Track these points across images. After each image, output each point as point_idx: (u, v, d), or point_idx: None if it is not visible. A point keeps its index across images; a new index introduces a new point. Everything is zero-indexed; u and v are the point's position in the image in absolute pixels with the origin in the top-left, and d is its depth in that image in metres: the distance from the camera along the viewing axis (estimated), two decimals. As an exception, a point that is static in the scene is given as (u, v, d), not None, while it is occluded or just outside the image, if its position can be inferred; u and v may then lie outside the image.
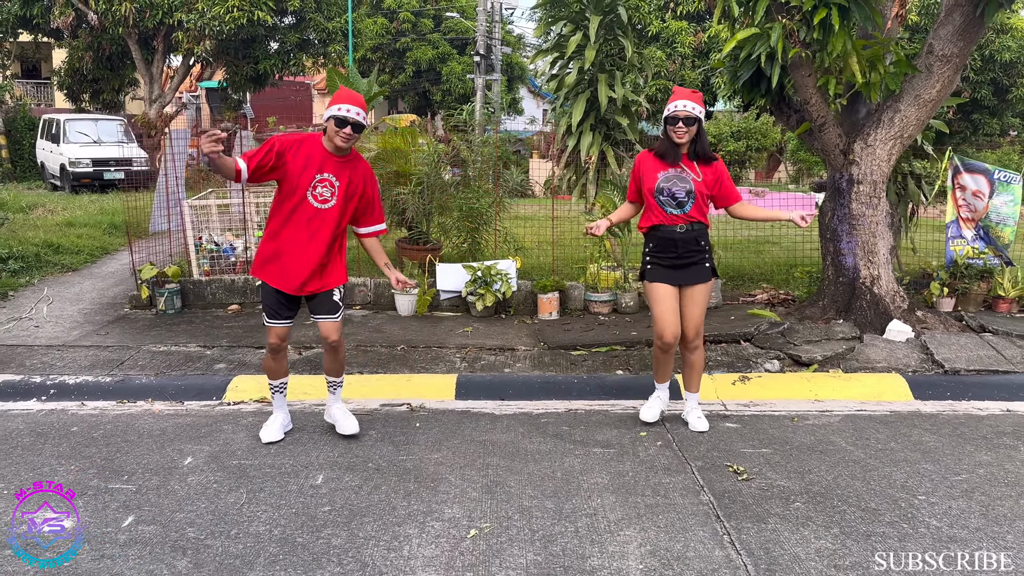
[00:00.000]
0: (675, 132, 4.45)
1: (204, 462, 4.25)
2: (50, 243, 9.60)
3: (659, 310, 4.58)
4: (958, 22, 6.10)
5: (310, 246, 4.28)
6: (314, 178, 4.23)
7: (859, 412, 5.17)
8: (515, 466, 4.21)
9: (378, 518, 3.60)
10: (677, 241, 4.53)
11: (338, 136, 4.19)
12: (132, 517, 3.61)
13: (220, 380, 5.55)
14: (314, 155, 4.25)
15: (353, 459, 4.28)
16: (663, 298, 4.56)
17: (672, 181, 4.49)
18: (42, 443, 4.52)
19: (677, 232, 4.52)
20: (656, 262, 4.61)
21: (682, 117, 4.41)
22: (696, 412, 4.84)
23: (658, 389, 4.92)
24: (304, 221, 4.26)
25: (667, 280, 4.58)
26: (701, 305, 4.61)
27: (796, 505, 3.76)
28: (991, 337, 6.38)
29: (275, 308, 4.37)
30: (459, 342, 6.42)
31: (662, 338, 4.59)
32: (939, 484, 4.01)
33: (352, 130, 4.19)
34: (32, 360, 5.94)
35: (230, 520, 3.58)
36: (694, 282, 4.58)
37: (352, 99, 4.20)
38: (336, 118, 4.17)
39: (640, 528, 3.51)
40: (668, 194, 4.49)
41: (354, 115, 4.17)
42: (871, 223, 6.59)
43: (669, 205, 4.50)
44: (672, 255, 4.55)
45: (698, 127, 4.48)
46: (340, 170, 4.28)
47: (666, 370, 4.82)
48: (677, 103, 4.43)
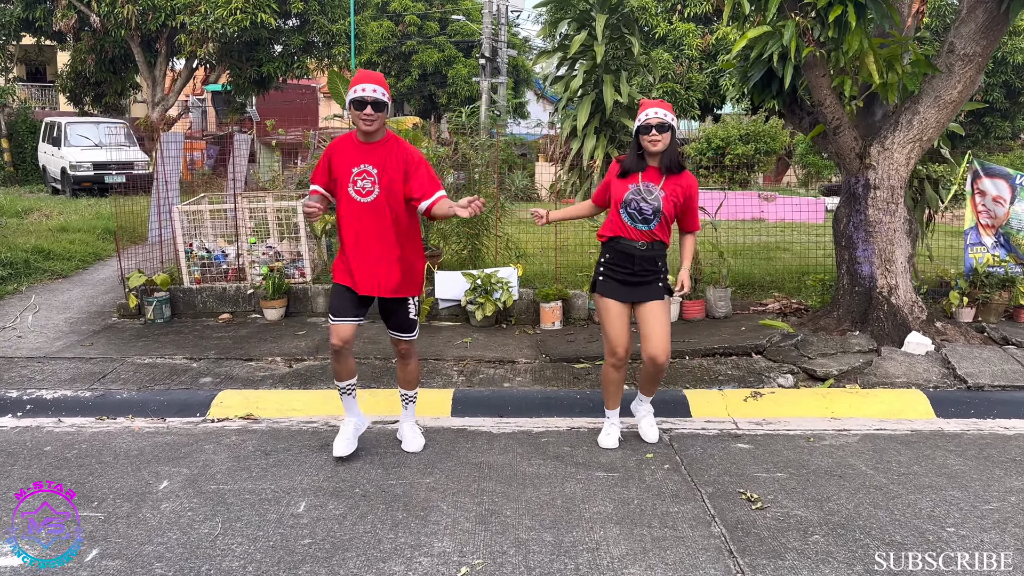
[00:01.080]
0: (650, 141, 4.22)
1: (180, 486, 3.98)
2: (41, 249, 9.36)
3: (610, 326, 4.37)
4: (981, 19, 5.80)
5: (370, 244, 4.06)
6: (351, 172, 4.02)
7: (879, 431, 4.87)
8: (512, 492, 3.93)
9: (362, 552, 3.32)
10: (635, 258, 4.31)
11: (361, 120, 3.97)
12: (97, 550, 3.34)
13: (205, 395, 5.28)
14: (348, 149, 4.08)
15: (339, 484, 4.01)
16: (613, 315, 4.36)
17: (641, 196, 4.27)
18: (12, 464, 4.27)
19: (637, 248, 4.30)
20: (609, 275, 4.38)
21: (655, 124, 4.19)
22: (649, 419, 4.70)
23: (609, 416, 4.63)
24: (354, 219, 4.06)
25: (618, 296, 4.36)
26: (663, 322, 4.35)
27: (815, 538, 3.47)
28: (1015, 350, 6.07)
29: (340, 305, 4.13)
30: (457, 354, 6.15)
31: (615, 353, 4.37)
32: (969, 514, 3.71)
33: (373, 109, 3.95)
34: (10, 373, 5.69)
35: (202, 554, 3.31)
36: (648, 299, 4.34)
37: (367, 77, 3.98)
38: (353, 102, 3.96)
39: (646, 565, 3.23)
40: (635, 208, 4.27)
41: (370, 93, 3.93)
42: (888, 230, 6.29)
43: (635, 219, 4.29)
44: (627, 271, 4.33)
45: (671, 135, 4.24)
46: (375, 157, 4.04)
47: (617, 394, 4.57)
48: (648, 111, 4.24)
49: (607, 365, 4.49)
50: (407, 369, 4.41)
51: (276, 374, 5.72)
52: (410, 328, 4.29)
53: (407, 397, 4.51)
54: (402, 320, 4.25)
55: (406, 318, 4.25)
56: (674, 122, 4.28)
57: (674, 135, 4.30)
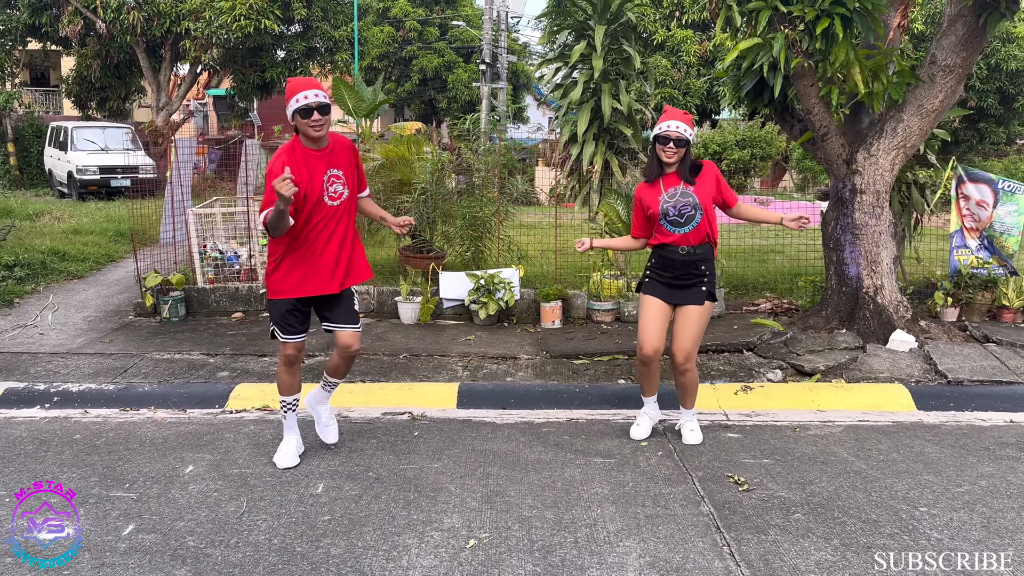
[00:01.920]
0: (664, 152, 4.46)
1: (205, 470, 4.26)
2: (56, 250, 9.64)
3: (644, 321, 4.58)
4: (961, 32, 6.10)
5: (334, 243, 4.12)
6: (323, 181, 4.03)
7: (861, 423, 5.15)
8: (515, 476, 4.20)
9: (377, 528, 3.60)
10: (676, 263, 4.52)
11: (310, 127, 3.93)
12: (133, 525, 3.62)
13: (223, 388, 5.56)
14: (310, 160, 4.00)
15: (353, 468, 4.28)
16: (651, 311, 4.57)
17: (675, 199, 4.49)
18: (45, 450, 4.54)
19: (678, 254, 4.51)
20: (654, 277, 4.62)
21: (673, 138, 4.42)
22: (689, 425, 4.79)
23: (646, 404, 4.86)
24: (325, 223, 4.07)
25: (661, 296, 4.58)
26: (694, 328, 4.53)
27: (796, 516, 3.75)
28: (995, 347, 6.36)
29: (289, 322, 4.18)
30: (461, 351, 6.43)
31: (642, 350, 4.58)
32: (941, 496, 3.99)
33: (319, 114, 3.92)
34: (36, 367, 5.97)
35: (230, 529, 3.59)
36: (688, 303, 4.54)
37: (305, 84, 3.93)
38: (300, 110, 3.90)
39: (640, 539, 3.51)
40: (675, 213, 4.48)
41: (314, 99, 3.89)
42: (874, 233, 6.58)
43: (676, 224, 4.49)
44: (670, 275, 4.55)
45: (686, 150, 4.48)
46: (336, 160, 4.11)
47: (651, 383, 4.77)
48: (669, 123, 4.44)
49: (637, 360, 4.71)
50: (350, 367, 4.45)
51: (289, 369, 5.99)
52: (356, 320, 4.31)
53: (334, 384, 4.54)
54: (349, 310, 4.27)
55: (351, 308, 4.29)
56: (692, 137, 4.48)
57: (689, 149, 4.51)
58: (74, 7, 20.27)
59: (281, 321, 4.19)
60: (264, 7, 19.39)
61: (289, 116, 4.00)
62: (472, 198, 8.29)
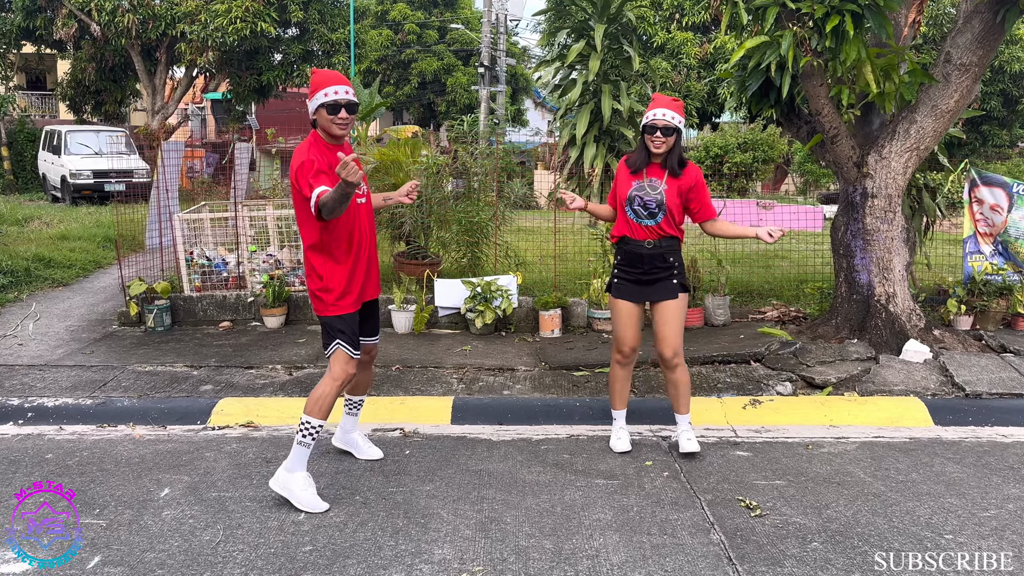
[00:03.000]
0: (652, 142, 4.25)
1: (182, 494, 4.00)
2: (41, 257, 9.38)
3: (618, 325, 4.47)
4: (977, 29, 5.85)
5: (364, 245, 3.90)
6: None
7: (877, 439, 4.89)
8: (512, 500, 3.94)
9: (362, 560, 3.34)
10: (644, 256, 4.35)
11: (335, 124, 3.71)
12: (99, 557, 3.35)
13: (205, 403, 5.30)
14: (331, 157, 3.71)
15: (339, 491, 4.02)
16: (624, 314, 4.45)
17: (644, 191, 4.31)
18: (13, 471, 4.28)
19: (644, 248, 4.34)
20: (623, 276, 4.45)
21: (660, 127, 4.22)
22: (687, 433, 4.57)
23: (616, 418, 4.67)
24: (360, 222, 3.87)
25: (631, 297, 4.42)
26: (674, 323, 4.37)
27: (814, 545, 3.49)
28: (1012, 358, 6.10)
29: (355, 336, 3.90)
30: (457, 361, 6.17)
31: (620, 349, 4.44)
32: (966, 521, 3.73)
33: (347, 112, 3.70)
34: (12, 381, 5.71)
35: (204, 561, 3.32)
36: (661, 298, 4.37)
37: (336, 79, 3.71)
38: (327, 105, 3.68)
39: (646, 572, 3.24)
40: (640, 203, 4.33)
41: (343, 95, 3.67)
42: (886, 238, 6.32)
43: (640, 215, 4.33)
44: (638, 270, 4.38)
45: (676, 138, 4.26)
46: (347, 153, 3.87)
47: (623, 391, 4.61)
48: (656, 111, 4.24)
49: (613, 361, 4.55)
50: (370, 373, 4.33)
51: (276, 382, 5.73)
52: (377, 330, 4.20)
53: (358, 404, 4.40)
54: (377, 319, 4.13)
55: (377, 318, 4.15)
56: (681, 124, 4.29)
57: (679, 137, 4.31)
58: (68, 10, 20.06)
59: (352, 336, 3.86)
60: (260, 10, 19.19)
61: (311, 109, 3.73)
62: (469, 202, 8.04)
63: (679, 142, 4.33)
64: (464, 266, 7.86)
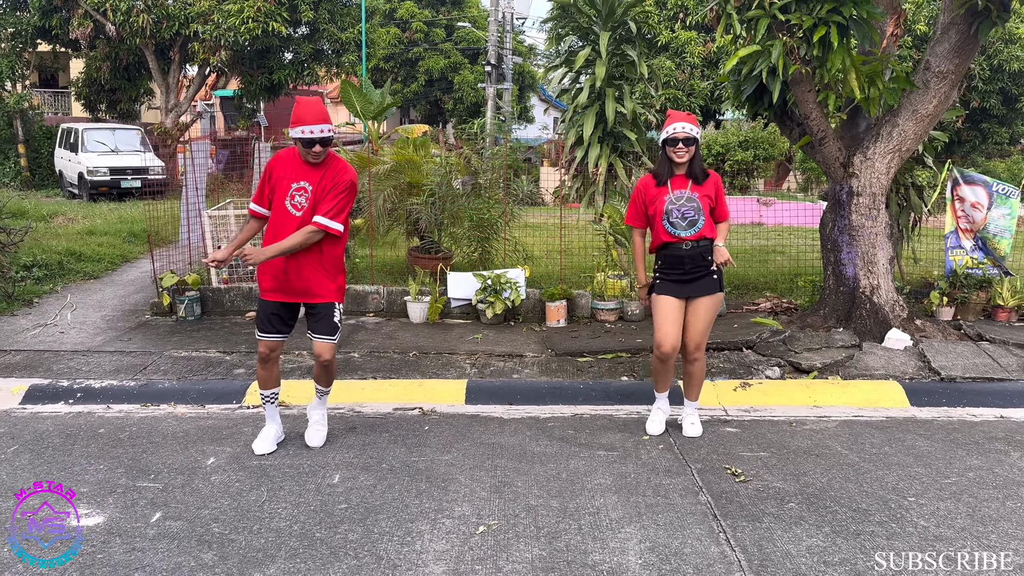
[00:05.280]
0: (675, 153, 4.67)
1: (226, 462, 4.46)
2: (72, 251, 9.86)
3: (660, 320, 4.76)
4: (954, 40, 6.28)
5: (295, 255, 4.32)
6: (290, 187, 4.31)
7: (856, 418, 5.34)
8: (522, 467, 4.40)
9: (392, 515, 3.80)
10: (684, 258, 4.72)
11: (309, 155, 4.27)
12: (160, 513, 3.82)
13: (239, 384, 5.77)
14: (291, 165, 4.35)
15: (367, 460, 4.49)
16: (666, 309, 4.74)
17: (681, 202, 4.69)
18: (71, 444, 4.75)
19: (683, 250, 4.71)
20: (664, 278, 4.80)
21: (682, 138, 4.63)
22: (691, 418, 4.99)
23: (658, 399, 5.07)
24: (285, 231, 4.29)
25: (673, 293, 4.76)
26: (705, 319, 4.75)
27: (790, 506, 3.94)
28: (988, 345, 6.53)
29: (265, 321, 4.50)
30: (469, 348, 6.62)
31: (660, 348, 4.76)
32: (929, 486, 4.18)
33: (320, 146, 4.23)
34: (59, 365, 6.18)
35: (252, 516, 3.79)
36: (700, 294, 4.73)
37: (314, 116, 4.18)
38: (302, 141, 4.22)
39: (640, 526, 3.70)
40: (679, 215, 4.68)
41: (319, 133, 4.19)
42: (871, 234, 6.76)
43: (679, 227, 4.69)
44: (680, 271, 4.74)
45: (695, 147, 4.68)
46: (313, 175, 4.32)
47: (665, 380, 4.97)
48: (676, 125, 4.65)
49: (653, 357, 4.89)
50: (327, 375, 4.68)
51: (303, 366, 6.20)
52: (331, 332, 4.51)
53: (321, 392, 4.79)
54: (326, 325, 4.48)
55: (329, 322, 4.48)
56: (699, 135, 4.71)
57: (698, 147, 4.73)
58: (84, 10, 20.53)
59: (258, 319, 4.57)
60: (272, 10, 19.63)
61: (290, 135, 4.28)
62: (479, 200, 8.48)
63: (698, 152, 4.75)
64: (475, 260, 8.31)
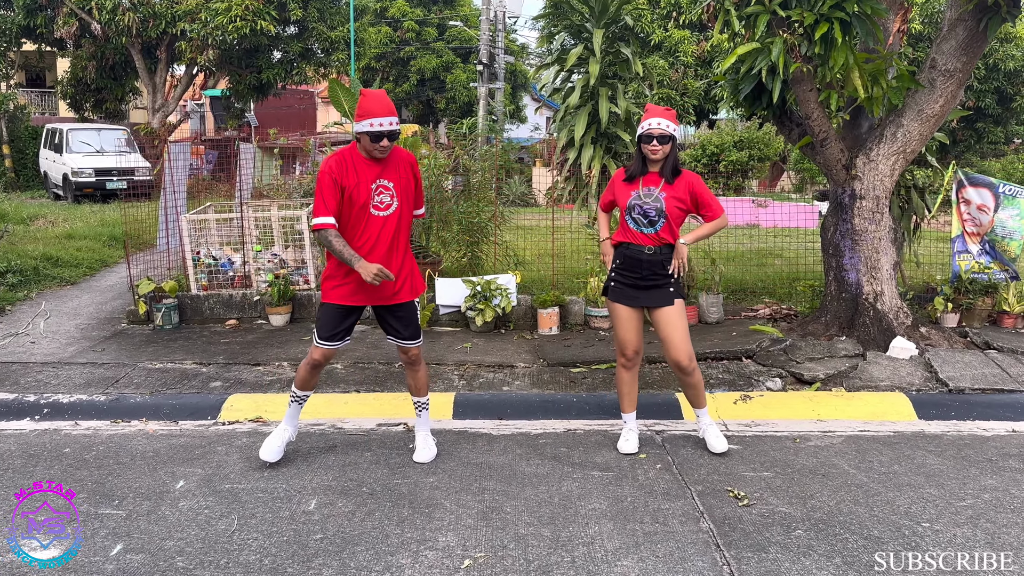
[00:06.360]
0: (650, 150, 4.42)
1: (196, 486, 4.19)
2: (49, 256, 9.56)
3: (619, 328, 4.60)
4: (961, 36, 6.04)
5: (390, 256, 4.23)
6: (371, 188, 4.15)
7: (862, 433, 5.09)
8: (512, 490, 4.14)
9: (370, 547, 3.53)
10: (643, 262, 4.50)
11: (376, 150, 4.12)
12: (121, 545, 3.55)
13: (215, 399, 5.49)
14: (356, 166, 4.15)
15: (347, 483, 4.22)
16: (623, 319, 4.59)
17: (643, 199, 4.47)
18: (33, 465, 4.47)
19: (644, 253, 4.49)
20: (620, 280, 4.59)
21: (656, 135, 4.39)
22: (712, 430, 4.73)
23: (626, 420, 4.80)
24: (376, 233, 4.19)
25: (628, 302, 4.56)
26: (680, 326, 4.52)
27: (797, 533, 3.68)
28: (996, 354, 6.29)
29: (338, 328, 4.32)
30: (458, 358, 6.36)
31: (623, 354, 4.59)
32: (944, 510, 3.93)
33: (388, 140, 4.12)
34: (27, 378, 5.89)
35: (220, 548, 3.52)
36: (657, 304, 4.52)
37: (382, 109, 4.07)
38: (370, 135, 4.07)
39: (638, 558, 3.44)
40: (640, 212, 4.48)
41: (387, 126, 4.07)
42: (874, 238, 6.52)
43: (640, 223, 4.48)
44: (636, 275, 4.52)
45: (671, 145, 4.44)
46: (388, 171, 4.21)
47: (631, 397, 4.74)
48: (651, 121, 4.41)
49: (618, 366, 4.70)
50: (417, 376, 4.57)
51: (283, 378, 5.92)
52: (417, 335, 4.47)
53: (420, 404, 4.65)
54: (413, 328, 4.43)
55: (415, 324, 4.44)
56: (676, 132, 4.45)
57: (675, 144, 4.48)
58: (69, 8, 20.21)
59: (325, 327, 4.32)
60: (260, 8, 19.35)
61: (354, 131, 4.13)
62: (469, 203, 8.22)
63: (675, 149, 4.50)
64: (464, 265, 8.05)
